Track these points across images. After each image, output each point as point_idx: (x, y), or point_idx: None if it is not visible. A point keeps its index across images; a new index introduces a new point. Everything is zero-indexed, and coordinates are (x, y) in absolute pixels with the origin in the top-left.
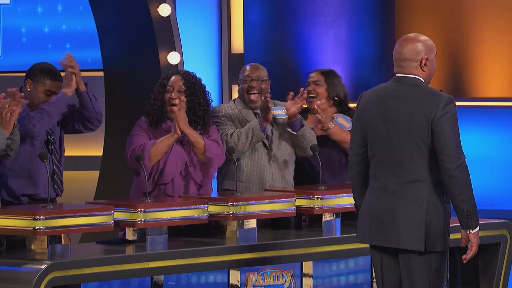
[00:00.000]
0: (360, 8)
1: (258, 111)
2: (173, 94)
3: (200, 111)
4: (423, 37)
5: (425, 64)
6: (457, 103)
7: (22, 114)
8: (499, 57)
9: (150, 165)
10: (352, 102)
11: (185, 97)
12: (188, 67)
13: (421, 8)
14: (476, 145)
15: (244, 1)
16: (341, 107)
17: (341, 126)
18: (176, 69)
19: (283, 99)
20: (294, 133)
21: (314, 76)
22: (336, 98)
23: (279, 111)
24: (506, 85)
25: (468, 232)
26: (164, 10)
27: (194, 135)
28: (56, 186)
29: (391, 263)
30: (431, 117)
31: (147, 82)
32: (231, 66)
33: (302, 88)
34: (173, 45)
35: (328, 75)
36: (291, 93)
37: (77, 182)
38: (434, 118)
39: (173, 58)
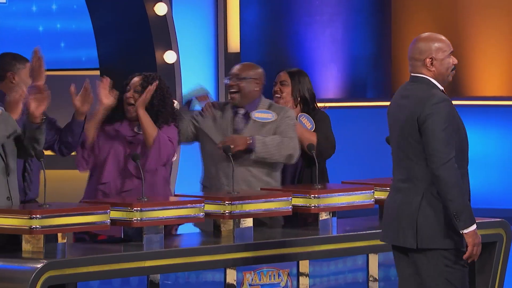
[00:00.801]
0: (356, 8)
1: (241, 110)
2: (129, 93)
3: (152, 112)
4: (432, 36)
5: (431, 63)
6: (454, 102)
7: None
8: (495, 56)
9: (89, 141)
10: (345, 101)
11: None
12: (184, 66)
13: (417, 7)
14: (473, 144)
15: (241, 0)
16: (307, 107)
17: (304, 126)
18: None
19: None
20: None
21: (281, 76)
22: (298, 98)
23: (263, 114)
24: (502, 84)
25: (461, 232)
26: (161, 9)
27: (148, 121)
28: (25, 184)
29: (403, 261)
30: (417, 115)
31: None
32: (228, 65)
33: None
34: (169, 44)
35: (295, 75)
36: None
37: (66, 181)
38: (420, 116)
39: (169, 57)
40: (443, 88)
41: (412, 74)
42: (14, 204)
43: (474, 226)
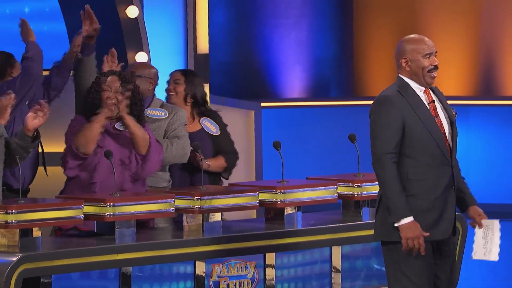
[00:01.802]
0: (320, 11)
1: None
2: (110, 94)
3: (136, 111)
4: (410, 38)
5: (406, 64)
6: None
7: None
8: (452, 58)
9: (89, 150)
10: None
11: (122, 97)
12: (155, 66)
13: (378, 11)
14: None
15: (209, 2)
16: (199, 107)
17: (209, 131)
18: (112, 70)
19: (247, 97)
20: None
21: (174, 75)
22: (190, 98)
23: (156, 112)
24: (459, 84)
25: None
26: (132, 11)
27: (137, 127)
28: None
29: None
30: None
31: None
32: (197, 66)
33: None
34: (141, 45)
35: (188, 74)
36: None
37: (48, 177)
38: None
39: (141, 58)
40: (423, 88)
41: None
42: None
43: (404, 220)
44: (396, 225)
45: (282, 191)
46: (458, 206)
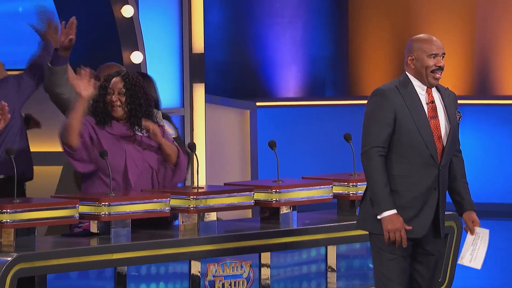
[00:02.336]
0: (315, 10)
1: None
2: (113, 96)
3: (141, 113)
4: (420, 38)
5: (411, 62)
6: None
7: None
8: (446, 58)
9: (73, 142)
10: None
11: (125, 99)
12: (150, 66)
13: (373, 10)
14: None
15: (205, 2)
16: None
17: (169, 133)
18: (118, 71)
19: (242, 96)
20: None
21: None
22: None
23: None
24: (455, 83)
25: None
26: (127, 11)
27: (167, 143)
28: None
29: None
30: None
31: None
32: (192, 66)
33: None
34: (136, 45)
35: (144, 77)
36: None
37: (42, 176)
38: None
39: (136, 57)
40: (425, 87)
41: None
42: None
43: (387, 213)
44: (378, 217)
45: (277, 190)
46: (456, 209)
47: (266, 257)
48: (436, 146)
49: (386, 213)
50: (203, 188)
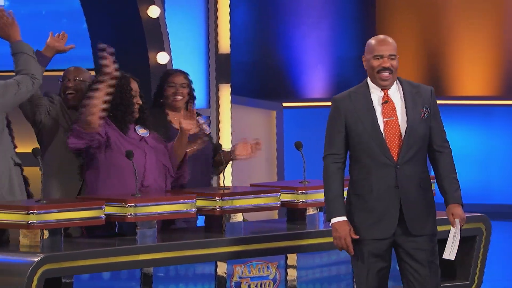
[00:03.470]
0: (341, 10)
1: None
2: (135, 99)
3: (120, 113)
4: (371, 38)
5: (364, 63)
6: (438, 102)
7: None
8: (475, 57)
9: (95, 121)
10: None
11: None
12: (176, 66)
13: (400, 10)
14: (453, 142)
15: (231, 2)
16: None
17: (206, 131)
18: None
19: (268, 97)
20: None
21: (181, 79)
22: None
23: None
24: (483, 84)
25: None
26: (153, 11)
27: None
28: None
29: None
30: None
31: None
32: (218, 66)
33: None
34: (162, 45)
35: (188, 77)
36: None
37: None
38: None
39: (162, 58)
40: (379, 88)
41: None
42: None
43: (334, 219)
44: (329, 224)
45: (303, 191)
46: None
47: (292, 258)
48: (390, 145)
49: (333, 220)
50: (229, 189)
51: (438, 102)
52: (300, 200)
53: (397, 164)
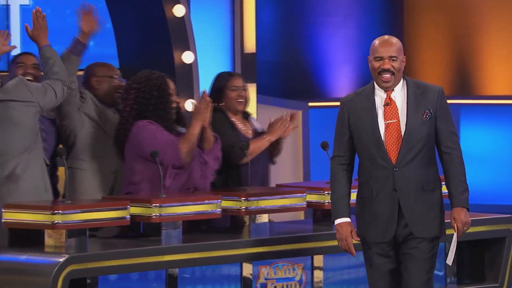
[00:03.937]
0: (369, 9)
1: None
2: (173, 98)
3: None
4: (374, 40)
5: (368, 64)
6: (463, 101)
7: None
8: (505, 56)
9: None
10: None
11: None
12: (201, 66)
13: (428, 8)
14: (482, 142)
15: (257, 1)
16: None
17: (258, 130)
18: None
19: (294, 97)
20: None
21: (240, 81)
22: None
23: None
24: (511, 84)
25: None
26: (179, 10)
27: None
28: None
29: None
30: None
31: None
32: (244, 66)
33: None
34: (187, 44)
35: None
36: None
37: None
38: None
39: (187, 57)
40: (382, 90)
41: None
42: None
43: (337, 221)
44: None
45: (329, 192)
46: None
47: (319, 259)
48: (390, 147)
49: (336, 221)
50: (254, 189)
51: (467, 101)
52: (326, 201)
53: (395, 167)
